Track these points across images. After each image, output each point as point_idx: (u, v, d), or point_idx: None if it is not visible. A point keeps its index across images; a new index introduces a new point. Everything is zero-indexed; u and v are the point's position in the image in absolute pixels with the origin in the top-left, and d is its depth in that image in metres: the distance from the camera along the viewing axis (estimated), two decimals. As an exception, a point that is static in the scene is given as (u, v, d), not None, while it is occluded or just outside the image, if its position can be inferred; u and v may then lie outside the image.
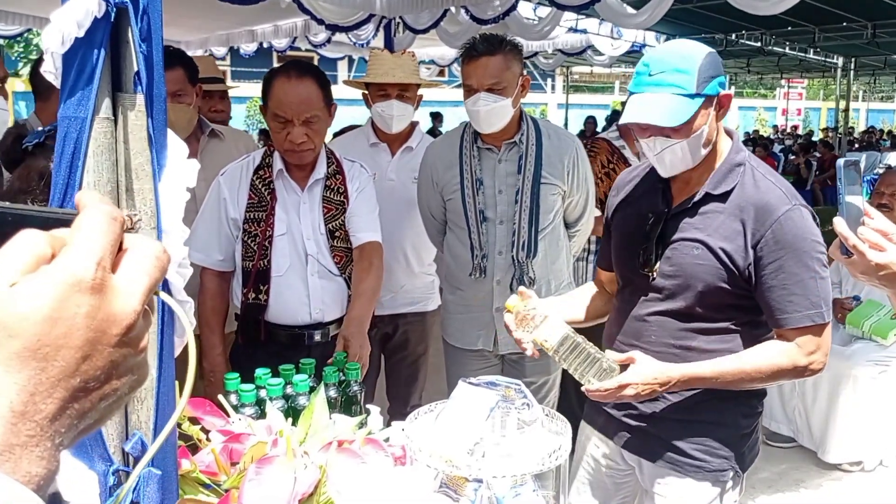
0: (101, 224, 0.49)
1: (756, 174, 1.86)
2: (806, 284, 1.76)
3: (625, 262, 2.00)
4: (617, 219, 2.08)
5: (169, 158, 1.11)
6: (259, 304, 2.42)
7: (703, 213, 1.85)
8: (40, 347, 0.45)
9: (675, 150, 1.79)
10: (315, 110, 2.37)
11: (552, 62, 10.81)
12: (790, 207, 1.78)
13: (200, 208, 2.51)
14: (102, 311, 0.47)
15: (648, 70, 1.77)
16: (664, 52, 1.83)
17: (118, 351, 0.48)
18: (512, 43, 2.64)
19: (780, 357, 1.79)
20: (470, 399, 1.37)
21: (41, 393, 0.45)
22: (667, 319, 1.89)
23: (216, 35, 7.98)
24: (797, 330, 1.78)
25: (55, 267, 0.46)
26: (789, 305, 1.77)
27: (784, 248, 1.75)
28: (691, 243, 1.84)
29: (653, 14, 5.60)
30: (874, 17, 8.89)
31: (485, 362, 2.84)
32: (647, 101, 1.76)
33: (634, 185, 2.06)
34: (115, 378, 0.49)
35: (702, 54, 1.76)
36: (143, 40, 1.04)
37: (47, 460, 0.45)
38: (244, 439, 1.39)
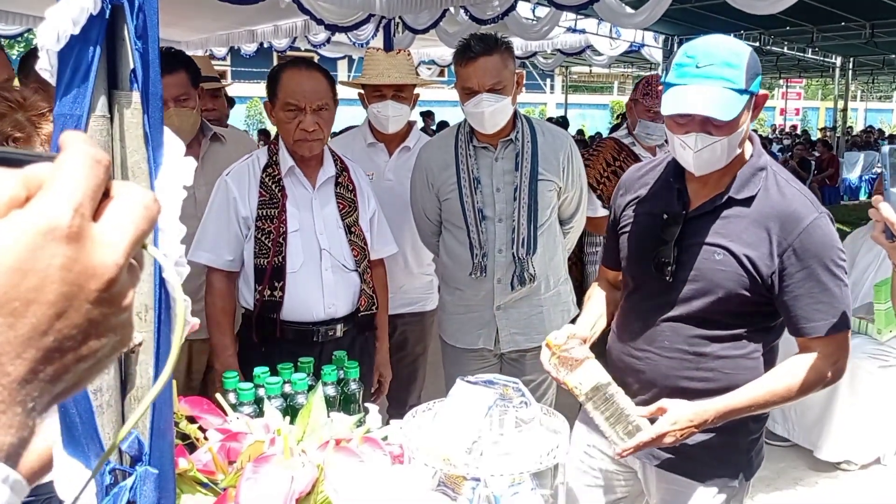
0: (83, 166, 0.44)
1: (779, 180, 1.81)
2: (832, 293, 1.73)
3: (638, 263, 1.94)
4: (626, 218, 2.02)
5: (165, 156, 1.10)
6: (274, 301, 2.43)
7: (725, 217, 1.80)
8: (8, 302, 0.40)
9: (715, 149, 1.72)
10: (326, 99, 2.43)
11: (551, 62, 10.82)
12: (817, 216, 1.75)
13: (206, 210, 2.52)
14: (80, 262, 0.42)
15: (695, 61, 1.69)
16: (710, 44, 1.72)
17: (98, 308, 0.43)
18: (505, 41, 2.65)
19: (809, 373, 1.75)
20: (468, 397, 1.37)
21: (8, 353, 0.40)
22: (682, 325, 1.85)
23: (216, 35, 7.98)
24: (823, 339, 1.75)
25: (27, 212, 0.42)
26: (816, 314, 1.73)
27: (812, 257, 1.72)
28: (713, 248, 1.79)
29: (651, 14, 5.60)
30: (872, 16, 8.90)
31: (483, 362, 2.84)
32: (698, 93, 1.67)
33: (644, 183, 2.00)
34: (93, 338, 0.44)
35: (748, 50, 1.72)
36: (138, 37, 1.03)
37: (17, 428, 0.41)
38: (242, 438, 1.39)
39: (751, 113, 1.74)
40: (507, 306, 2.76)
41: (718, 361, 1.82)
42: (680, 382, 1.85)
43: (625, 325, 1.99)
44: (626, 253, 2.00)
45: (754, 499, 3.59)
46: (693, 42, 1.74)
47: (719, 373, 1.82)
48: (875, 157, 16.58)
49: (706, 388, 1.82)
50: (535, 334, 2.77)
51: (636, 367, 1.92)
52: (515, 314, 2.77)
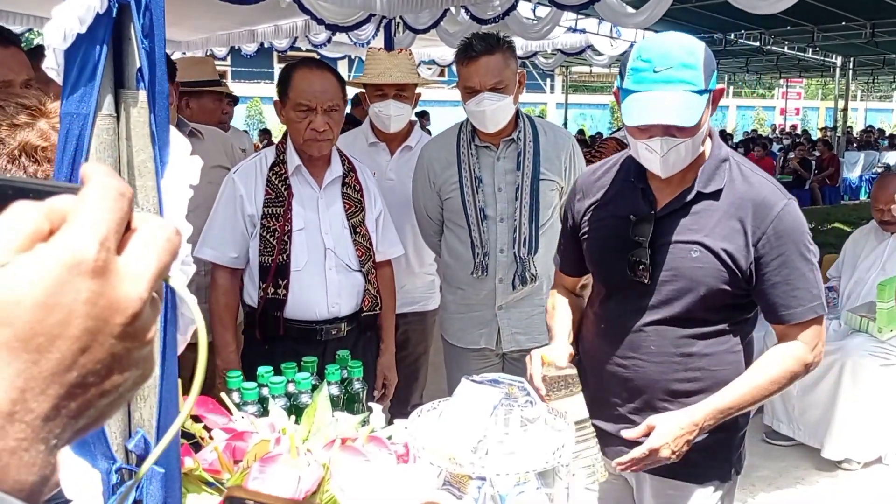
0: (107, 199, 0.43)
1: (743, 170, 1.81)
2: (807, 277, 1.74)
3: (610, 269, 1.89)
4: (588, 224, 1.97)
5: (171, 155, 1.10)
6: (278, 298, 2.44)
7: (695, 212, 1.78)
8: (33, 337, 0.39)
9: (680, 150, 1.71)
10: (336, 99, 2.45)
11: (551, 62, 10.80)
12: (786, 202, 1.75)
13: (213, 206, 2.53)
14: (105, 297, 0.41)
15: (652, 66, 1.65)
16: (665, 46, 1.68)
17: (121, 343, 0.43)
18: (507, 40, 2.65)
19: (791, 363, 1.76)
20: (473, 397, 1.37)
21: (33, 390, 0.39)
22: (666, 328, 1.81)
23: (217, 35, 7.97)
24: (801, 324, 1.75)
25: (53, 245, 0.41)
26: (793, 300, 1.74)
27: (786, 243, 1.72)
28: (689, 245, 1.77)
29: (652, 13, 5.59)
30: (873, 16, 8.90)
31: (485, 361, 2.84)
32: (660, 100, 1.64)
33: (602, 185, 1.96)
34: (116, 373, 0.43)
35: (702, 47, 1.69)
36: (145, 36, 1.04)
37: (40, 466, 0.40)
38: (247, 437, 1.39)
39: (710, 108, 1.73)
40: (508, 306, 2.76)
41: (704, 360, 1.81)
42: (670, 385, 1.83)
43: (603, 334, 1.93)
44: (594, 259, 1.96)
45: (756, 498, 3.60)
46: (645, 44, 1.71)
47: (706, 371, 1.82)
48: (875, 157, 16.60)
49: (694, 389, 1.82)
50: (536, 334, 2.77)
51: (622, 375, 1.88)
52: (517, 314, 2.77)
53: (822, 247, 2.04)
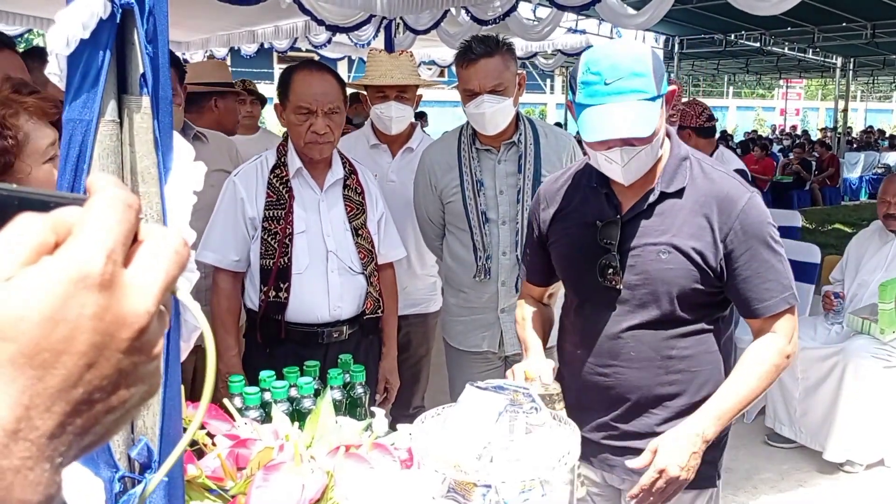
0: (114, 210, 0.42)
1: (704, 166, 1.80)
2: (776, 269, 1.74)
3: (581, 276, 1.87)
4: (555, 232, 1.95)
5: (175, 161, 1.10)
6: (279, 301, 2.43)
7: (660, 213, 1.77)
8: (38, 353, 0.38)
9: (641, 157, 1.70)
10: (337, 102, 2.43)
11: (552, 62, 10.78)
12: (750, 195, 1.75)
13: (214, 209, 2.52)
14: (111, 311, 0.41)
15: (602, 78, 1.63)
16: (612, 56, 1.66)
17: (128, 358, 0.42)
18: (506, 42, 2.64)
19: (775, 356, 1.76)
20: (478, 403, 1.36)
21: (38, 407, 0.38)
22: (644, 332, 1.80)
23: (217, 35, 7.96)
24: (776, 316, 1.75)
25: (58, 259, 0.40)
26: (766, 293, 1.74)
27: (753, 236, 1.72)
28: (657, 247, 1.75)
29: (653, 15, 5.58)
30: (874, 17, 8.89)
31: (487, 364, 2.83)
32: (613, 113, 1.62)
33: (565, 193, 1.93)
34: (123, 388, 0.42)
35: (649, 53, 1.68)
36: (148, 42, 1.03)
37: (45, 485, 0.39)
38: (250, 444, 1.38)
39: (664, 111, 1.72)
40: (510, 308, 2.75)
41: (685, 361, 1.80)
42: (653, 390, 1.82)
43: (580, 343, 1.91)
44: (564, 267, 1.95)
45: (758, 500, 3.59)
46: (592, 55, 1.68)
47: (686, 372, 1.81)
48: (875, 158, 16.60)
49: (676, 391, 1.82)
50: None
51: (604, 384, 1.86)
52: None
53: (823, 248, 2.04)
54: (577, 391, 1.88)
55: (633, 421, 1.84)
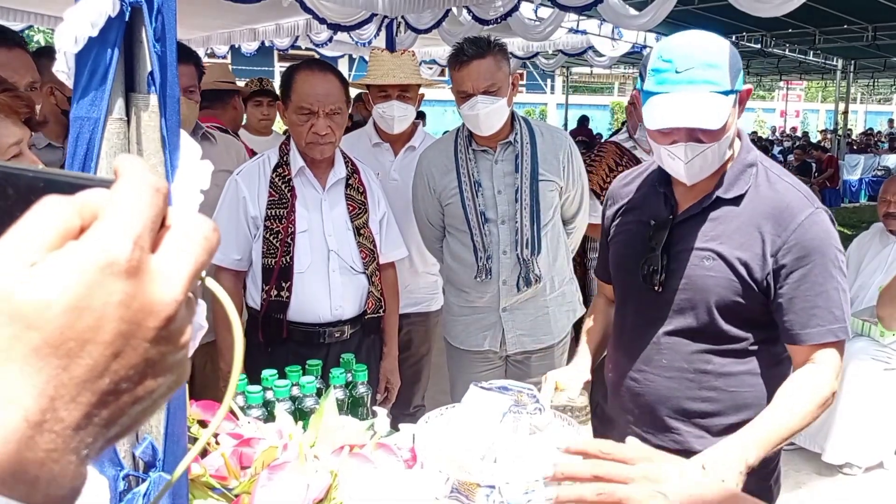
0: (142, 195, 0.41)
1: (770, 175, 1.69)
2: (830, 296, 1.59)
3: (626, 275, 1.82)
4: (615, 228, 1.91)
5: (182, 160, 1.10)
6: (281, 301, 2.43)
7: (714, 219, 1.67)
8: (64, 342, 0.37)
9: (707, 156, 1.60)
10: (339, 102, 2.43)
11: (552, 63, 10.80)
12: (813, 211, 1.61)
13: (216, 208, 2.52)
14: (138, 299, 0.39)
15: (674, 66, 1.54)
16: (687, 45, 1.57)
17: (155, 347, 0.41)
18: (498, 43, 2.65)
19: (824, 388, 1.59)
20: (482, 404, 1.36)
21: (63, 397, 0.37)
22: (679, 340, 1.71)
23: (217, 33, 7.96)
24: (817, 347, 1.60)
25: (85, 244, 0.39)
26: (811, 319, 1.59)
27: (808, 255, 1.58)
28: (703, 252, 1.67)
29: (655, 15, 5.59)
30: (874, 19, 8.90)
31: (488, 364, 2.84)
32: (682, 102, 1.53)
33: (632, 190, 1.89)
34: (150, 378, 0.41)
35: (727, 46, 1.58)
36: (157, 40, 1.03)
37: (71, 477, 0.38)
38: (254, 443, 1.38)
39: (737, 110, 1.63)
40: (512, 308, 2.75)
41: (721, 379, 1.69)
42: (682, 403, 1.72)
43: (618, 344, 1.86)
44: (614, 264, 1.90)
45: (757, 502, 3.59)
46: (667, 43, 1.60)
47: (723, 392, 1.69)
48: (875, 160, 16.62)
49: (710, 410, 1.71)
50: (541, 335, 2.77)
51: (634, 389, 1.78)
52: (521, 315, 2.77)
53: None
54: (612, 395, 1.84)
55: (663, 435, 1.73)
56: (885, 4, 7.70)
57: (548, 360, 2.83)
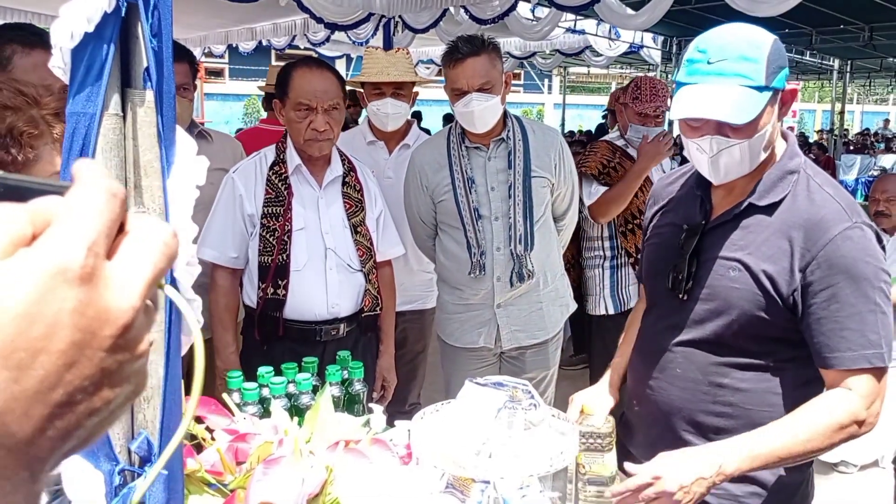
0: (97, 200, 0.39)
1: (811, 184, 1.58)
2: (864, 318, 1.47)
3: (654, 280, 1.76)
4: (651, 230, 1.84)
5: (178, 155, 1.10)
6: (277, 299, 2.43)
7: (745, 227, 1.58)
8: (14, 352, 0.36)
9: (734, 153, 1.52)
10: (337, 98, 2.44)
11: (550, 62, 10.82)
12: (850, 225, 1.49)
13: (213, 206, 2.52)
14: (93, 306, 0.38)
15: (707, 57, 1.49)
16: (725, 36, 1.51)
17: (112, 356, 0.39)
18: (492, 42, 2.67)
19: (842, 414, 1.47)
20: (477, 399, 1.37)
21: (13, 411, 0.36)
22: (695, 351, 1.63)
23: (215, 33, 7.96)
24: (849, 373, 1.49)
25: (36, 251, 0.37)
26: (841, 342, 1.47)
27: (839, 272, 1.47)
28: (729, 262, 1.58)
29: (652, 15, 5.60)
30: (871, 19, 8.91)
31: (483, 361, 2.85)
32: (709, 94, 1.47)
33: (673, 191, 1.82)
34: (107, 388, 0.39)
35: (769, 40, 1.50)
36: (153, 35, 1.03)
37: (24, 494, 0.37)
38: (250, 439, 1.38)
39: (777, 111, 1.54)
40: (507, 304, 2.76)
41: (738, 395, 1.59)
42: (694, 416, 1.64)
43: (640, 349, 1.80)
44: (645, 267, 1.84)
45: (753, 501, 3.60)
46: (707, 34, 1.54)
47: (738, 408, 1.60)
48: (871, 161, 16.66)
49: (724, 426, 1.62)
50: (535, 330, 2.79)
51: (649, 397, 1.72)
52: (515, 311, 2.78)
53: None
54: (629, 403, 1.81)
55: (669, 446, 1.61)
56: (881, 5, 7.72)
57: (542, 355, 2.85)
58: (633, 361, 1.84)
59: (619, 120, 3.54)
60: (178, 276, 1.12)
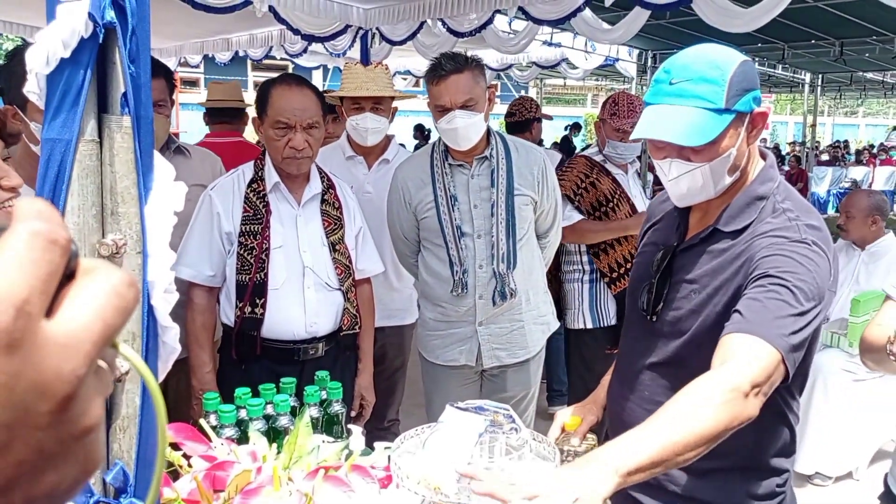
0: (31, 248, 0.34)
1: (776, 208, 1.54)
2: (781, 308, 1.35)
3: (631, 299, 1.75)
4: (640, 248, 1.83)
5: (156, 181, 1.08)
6: (255, 317, 2.40)
7: (710, 251, 1.57)
8: None
9: (695, 176, 1.51)
10: (316, 116, 2.42)
11: (526, 75, 10.85)
12: (800, 239, 1.45)
13: (189, 224, 2.49)
14: (25, 378, 0.32)
15: (669, 77, 1.48)
16: (690, 56, 1.49)
17: (51, 435, 0.33)
18: (475, 59, 2.67)
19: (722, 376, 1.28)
20: (458, 424, 1.36)
21: None
22: (659, 374, 1.63)
23: (191, 43, 7.90)
24: (746, 340, 1.33)
25: None
26: (751, 314, 1.36)
27: (774, 265, 1.41)
28: (691, 285, 1.58)
29: (628, 30, 5.64)
30: (842, 34, 9.07)
31: (463, 379, 2.84)
32: (664, 115, 1.47)
33: (662, 210, 1.80)
34: (49, 472, 0.34)
35: (734, 62, 1.47)
36: (131, 61, 1.01)
37: None
38: (228, 467, 1.36)
39: (745, 134, 1.51)
40: (488, 322, 2.76)
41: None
42: None
43: (616, 370, 1.81)
44: (628, 287, 1.83)
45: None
46: (677, 54, 1.53)
47: None
48: (842, 173, 16.91)
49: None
50: (517, 349, 2.78)
51: (622, 418, 1.70)
52: (497, 330, 2.77)
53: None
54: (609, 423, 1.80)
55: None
56: (851, 21, 7.86)
57: (523, 374, 2.84)
58: (610, 382, 1.84)
59: (597, 135, 3.55)
60: (155, 303, 1.10)
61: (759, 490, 1.61)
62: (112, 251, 1.04)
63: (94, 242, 1.04)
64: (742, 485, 1.60)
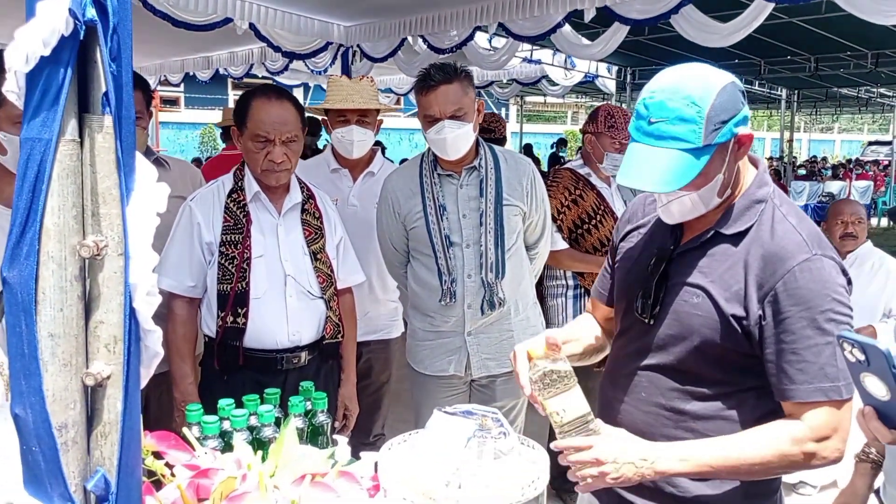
0: None
1: (776, 214, 1.57)
2: (820, 351, 1.44)
3: (625, 302, 1.76)
4: (623, 250, 1.82)
5: (138, 182, 1.07)
6: (237, 327, 2.38)
7: (711, 254, 1.58)
8: None
9: (684, 202, 1.55)
10: (295, 130, 2.41)
11: (507, 91, 10.93)
12: (808, 257, 1.48)
13: (170, 235, 2.47)
14: None
15: (648, 114, 1.48)
16: (667, 90, 1.48)
17: None
18: (464, 70, 2.69)
19: (786, 441, 1.46)
20: (446, 429, 1.34)
21: None
22: (658, 376, 1.64)
23: (171, 61, 7.90)
24: (805, 405, 1.47)
25: None
26: (798, 374, 1.46)
27: (796, 304, 1.46)
28: (692, 289, 1.58)
29: (607, 46, 5.70)
30: (817, 50, 9.22)
31: (453, 389, 2.83)
32: (644, 158, 1.47)
33: (649, 212, 1.80)
34: None
35: (713, 93, 1.46)
36: (112, 60, 1.00)
37: None
38: (212, 474, 1.34)
39: (730, 157, 1.52)
40: (477, 331, 2.75)
41: (700, 422, 1.59)
42: (657, 440, 1.60)
43: (611, 371, 1.80)
44: (618, 289, 1.82)
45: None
46: (654, 82, 1.52)
47: (701, 435, 1.58)
48: (819, 187, 17.12)
49: None
50: (505, 359, 2.77)
51: (614, 419, 1.69)
52: (486, 339, 2.77)
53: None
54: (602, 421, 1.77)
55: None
56: (826, 36, 7.99)
57: (512, 384, 2.82)
58: (602, 384, 1.83)
59: (590, 148, 3.53)
60: (137, 306, 1.08)
61: (757, 490, 1.63)
62: (93, 253, 1.02)
63: (75, 244, 1.02)
64: (738, 487, 1.61)
